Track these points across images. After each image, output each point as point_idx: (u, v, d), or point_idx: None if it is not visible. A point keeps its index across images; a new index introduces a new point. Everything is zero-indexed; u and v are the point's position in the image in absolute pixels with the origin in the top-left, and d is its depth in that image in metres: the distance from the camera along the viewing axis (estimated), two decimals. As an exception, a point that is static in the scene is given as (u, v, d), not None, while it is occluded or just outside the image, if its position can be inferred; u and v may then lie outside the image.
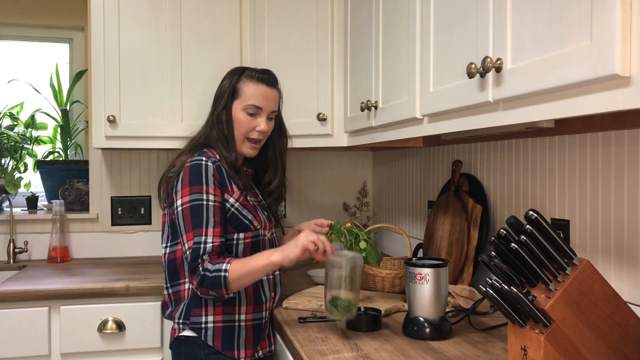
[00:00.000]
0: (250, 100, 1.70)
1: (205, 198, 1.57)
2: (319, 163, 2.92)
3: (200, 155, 1.63)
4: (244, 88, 1.71)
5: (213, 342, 1.61)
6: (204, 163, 1.61)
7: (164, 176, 1.72)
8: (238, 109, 1.71)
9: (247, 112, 1.70)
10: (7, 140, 2.89)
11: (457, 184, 1.95)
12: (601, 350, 1.06)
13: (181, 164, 1.63)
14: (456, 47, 1.27)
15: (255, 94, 1.71)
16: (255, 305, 1.67)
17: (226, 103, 1.72)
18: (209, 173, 1.60)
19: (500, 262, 1.09)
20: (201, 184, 1.58)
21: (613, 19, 0.80)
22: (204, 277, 1.50)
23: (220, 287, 1.49)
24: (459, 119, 1.29)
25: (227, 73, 1.78)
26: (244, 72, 1.75)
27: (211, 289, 1.51)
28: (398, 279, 1.91)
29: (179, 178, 1.61)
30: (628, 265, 1.30)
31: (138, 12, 2.33)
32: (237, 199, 1.65)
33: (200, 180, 1.59)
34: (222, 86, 1.76)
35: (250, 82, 1.72)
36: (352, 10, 2.07)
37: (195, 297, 1.63)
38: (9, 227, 2.57)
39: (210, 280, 1.50)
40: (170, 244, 1.68)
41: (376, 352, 1.34)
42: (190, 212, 1.56)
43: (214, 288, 1.50)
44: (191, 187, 1.58)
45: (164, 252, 1.70)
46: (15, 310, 1.98)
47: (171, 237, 1.68)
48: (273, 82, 1.76)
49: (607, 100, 0.84)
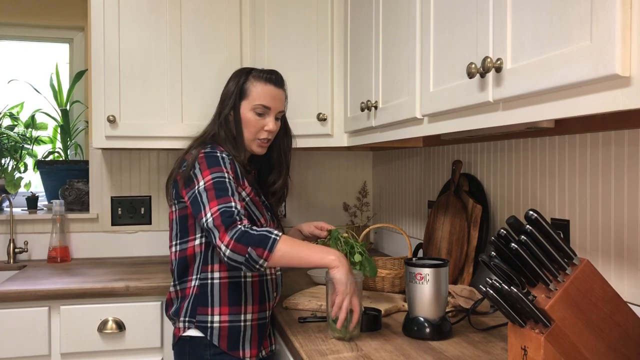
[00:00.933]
0: (258, 100, 1.71)
1: (227, 176, 1.56)
2: (319, 163, 2.92)
3: (213, 148, 1.63)
4: (252, 88, 1.72)
5: (219, 342, 1.60)
6: (219, 154, 1.61)
7: (174, 172, 1.69)
8: (246, 109, 1.71)
9: (256, 112, 1.71)
10: (7, 140, 2.89)
11: (457, 184, 1.95)
12: (601, 350, 1.06)
13: (194, 156, 1.62)
14: (456, 47, 1.27)
15: (264, 94, 1.71)
16: (260, 305, 1.67)
17: (234, 103, 1.72)
18: (226, 162, 1.60)
19: (500, 262, 1.09)
20: (220, 166, 1.58)
21: (613, 19, 0.80)
22: (245, 232, 1.42)
23: (266, 246, 1.40)
24: (459, 119, 1.29)
25: (233, 74, 1.78)
26: (250, 72, 1.75)
27: (254, 245, 1.41)
28: (398, 279, 1.91)
29: (195, 167, 1.59)
30: (628, 265, 1.30)
31: (138, 12, 2.33)
32: (248, 193, 1.65)
33: (218, 163, 1.58)
34: (228, 87, 1.76)
35: (258, 83, 1.72)
36: (352, 10, 2.07)
37: (201, 294, 1.62)
38: (9, 227, 2.57)
39: (256, 237, 1.41)
40: (180, 241, 1.67)
41: (376, 352, 1.34)
42: (214, 186, 1.53)
43: (259, 245, 1.40)
44: (211, 169, 1.56)
45: (173, 250, 1.68)
46: (15, 310, 1.97)
47: (180, 235, 1.66)
48: (280, 83, 1.77)
49: (607, 100, 0.84)
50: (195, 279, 1.64)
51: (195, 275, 1.64)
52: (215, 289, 1.61)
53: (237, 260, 1.43)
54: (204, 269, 1.62)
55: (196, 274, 1.63)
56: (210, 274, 1.62)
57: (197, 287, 1.63)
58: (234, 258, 1.43)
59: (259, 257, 1.41)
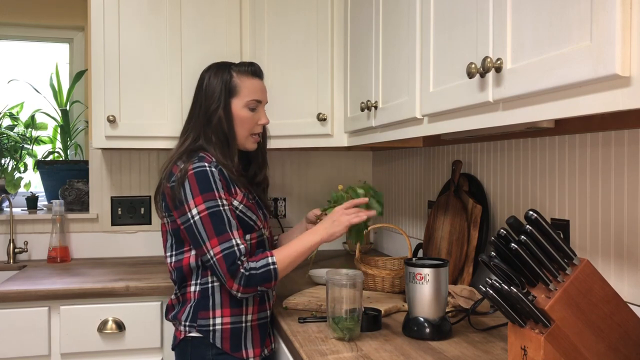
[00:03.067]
0: (250, 96, 1.69)
1: (221, 203, 1.55)
2: (319, 163, 2.92)
3: (201, 161, 1.59)
4: (240, 84, 1.69)
5: (222, 343, 1.60)
6: (207, 169, 1.57)
7: (162, 185, 1.65)
8: (239, 107, 1.68)
9: (249, 108, 1.70)
10: (7, 140, 2.89)
11: (457, 184, 1.95)
12: (601, 350, 1.06)
13: (183, 172, 1.57)
14: (456, 47, 1.27)
15: (254, 89, 1.71)
16: (260, 305, 1.67)
17: (224, 102, 1.67)
18: (216, 178, 1.57)
19: (500, 262, 1.09)
20: (212, 190, 1.55)
21: (613, 19, 0.80)
22: (250, 276, 1.51)
23: (271, 280, 1.53)
24: (459, 119, 1.29)
25: (210, 70, 1.72)
26: (230, 67, 1.71)
27: (261, 285, 1.53)
28: (398, 279, 1.91)
29: (186, 188, 1.55)
30: (628, 265, 1.30)
31: (138, 12, 2.33)
32: (240, 201, 1.64)
33: (210, 186, 1.56)
34: (210, 84, 1.70)
35: (244, 77, 1.70)
36: (352, 10, 2.07)
37: (202, 299, 1.62)
38: (9, 227, 2.57)
39: (259, 277, 1.52)
40: (176, 252, 1.65)
41: (376, 352, 1.34)
42: (211, 219, 1.53)
43: (264, 283, 1.53)
44: (204, 195, 1.54)
45: (169, 260, 1.67)
46: (15, 310, 1.98)
47: (176, 246, 1.65)
48: (262, 74, 1.77)
49: (607, 100, 0.84)
50: (195, 284, 1.63)
51: (196, 281, 1.63)
52: (216, 292, 1.61)
53: (251, 296, 1.58)
54: (204, 274, 1.62)
55: (196, 279, 1.63)
56: (211, 278, 1.62)
57: (198, 292, 1.63)
58: (248, 296, 1.56)
59: (270, 288, 1.58)
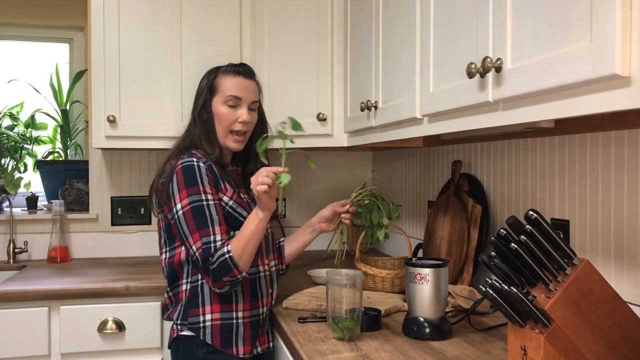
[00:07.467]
0: (228, 92, 1.71)
1: (205, 198, 1.58)
2: (319, 163, 2.91)
3: (190, 156, 1.63)
4: (221, 82, 1.73)
5: (212, 340, 1.61)
6: (195, 164, 1.61)
7: (155, 183, 1.71)
8: (218, 104, 1.71)
9: (228, 105, 1.71)
10: (7, 140, 2.89)
11: (457, 184, 1.95)
12: (601, 350, 1.06)
13: (172, 168, 1.63)
14: (456, 47, 1.27)
15: (233, 86, 1.72)
16: (252, 302, 1.67)
17: (205, 101, 1.73)
18: (202, 173, 1.61)
19: (500, 262, 1.09)
20: (197, 185, 1.59)
21: (613, 19, 0.80)
22: (214, 270, 1.52)
23: (230, 268, 1.51)
24: (459, 119, 1.29)
25: (205, 74, 1.79)
26: (219, 69, 1.77)
27: (224, 276, 1.52)
28: (398, 279, 1.91)
29: (173, 182, 1.60)
30: (628, 265, 1.30)
31: (138, 12, 2.33)
32: (230, 197, 1.65)
33: (195, 181, 1.59)
34: (200, 86, 1.78)
35: (226, 76, 1.73)
36: (352, 10, 2.07)
37: (192, 297, 1.63)
38: (9, 227, 2.57)
39: (220, 268, 1.51)
40: (169, 248, 1.68)
41: (376, 352, 1.34)
42: (192, 213, 1.56)
43: (226, 273, 1.52)
44: (188, 189, 1.58)
45: (163, 257, 1.70)
46: (15, 310, 1.98)
47: (168, 242, 1.68)
48: (250, 74, 1.77)
49: (607, 100, 0.84)
50: (186, 282, 1.65)
51: (186, 279, 1.65)
52: (205, 289, 1.63)
53: (227, 288, 1.57)
54: (194, 272, 1.64)
55: (187, 278, 1.65)
56: (201, 276, 1.63)
57: (188, 291, 1.65)
58: (225, 290, 1.58)
59: (236, 277, 1.54)
